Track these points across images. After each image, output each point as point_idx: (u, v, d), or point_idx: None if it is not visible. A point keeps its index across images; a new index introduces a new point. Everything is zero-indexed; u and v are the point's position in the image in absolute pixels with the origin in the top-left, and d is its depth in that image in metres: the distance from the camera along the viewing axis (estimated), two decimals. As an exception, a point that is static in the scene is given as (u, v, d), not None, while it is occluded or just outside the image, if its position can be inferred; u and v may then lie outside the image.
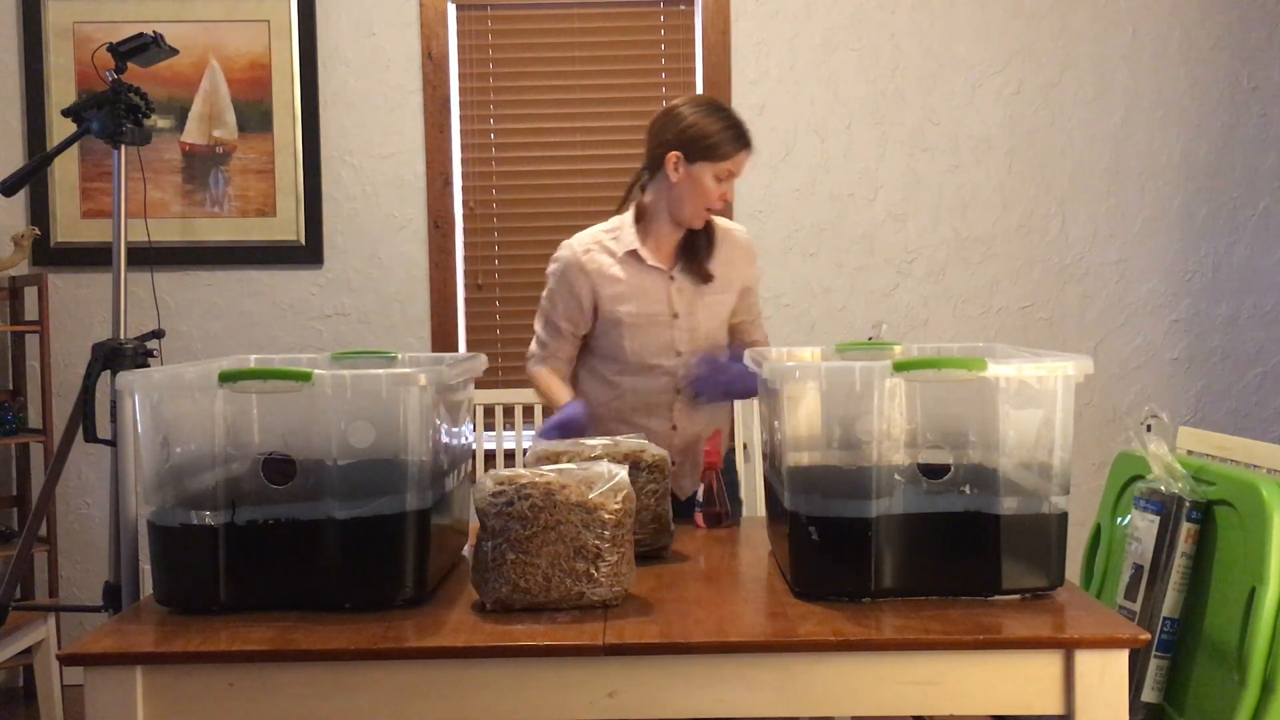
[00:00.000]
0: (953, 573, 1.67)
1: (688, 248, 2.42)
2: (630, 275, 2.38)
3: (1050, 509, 1.65)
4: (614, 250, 2.39)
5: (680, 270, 2.41)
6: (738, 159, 2.32)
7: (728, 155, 2.30)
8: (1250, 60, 3.75)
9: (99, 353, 2.40)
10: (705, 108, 2.34)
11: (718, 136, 2.31)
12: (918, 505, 1.66)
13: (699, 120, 2.31)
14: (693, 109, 2.33)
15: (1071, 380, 1.65)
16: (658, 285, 2.39)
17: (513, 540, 1.63)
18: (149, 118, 2.54)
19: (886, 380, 1.64)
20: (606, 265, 2.39)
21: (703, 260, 2.41)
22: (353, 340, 3.74)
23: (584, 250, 2.40)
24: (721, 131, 2.31)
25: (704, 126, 2.31)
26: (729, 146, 2.30)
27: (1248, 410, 3.80)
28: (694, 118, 2.31)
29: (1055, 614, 1.61)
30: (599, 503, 1.64)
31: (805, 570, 1.70)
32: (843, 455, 1.66)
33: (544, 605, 1.64)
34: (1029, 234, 3.77)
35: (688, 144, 2.31)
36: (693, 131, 2.30)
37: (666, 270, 2.40)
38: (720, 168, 2.31)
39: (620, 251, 2.38)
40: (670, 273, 2.40)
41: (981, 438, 1.66)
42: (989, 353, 2.00)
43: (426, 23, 3.71)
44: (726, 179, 2.33)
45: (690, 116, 2.31)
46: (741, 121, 2.34)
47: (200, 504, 1.65)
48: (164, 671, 1.53)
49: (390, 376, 1.65)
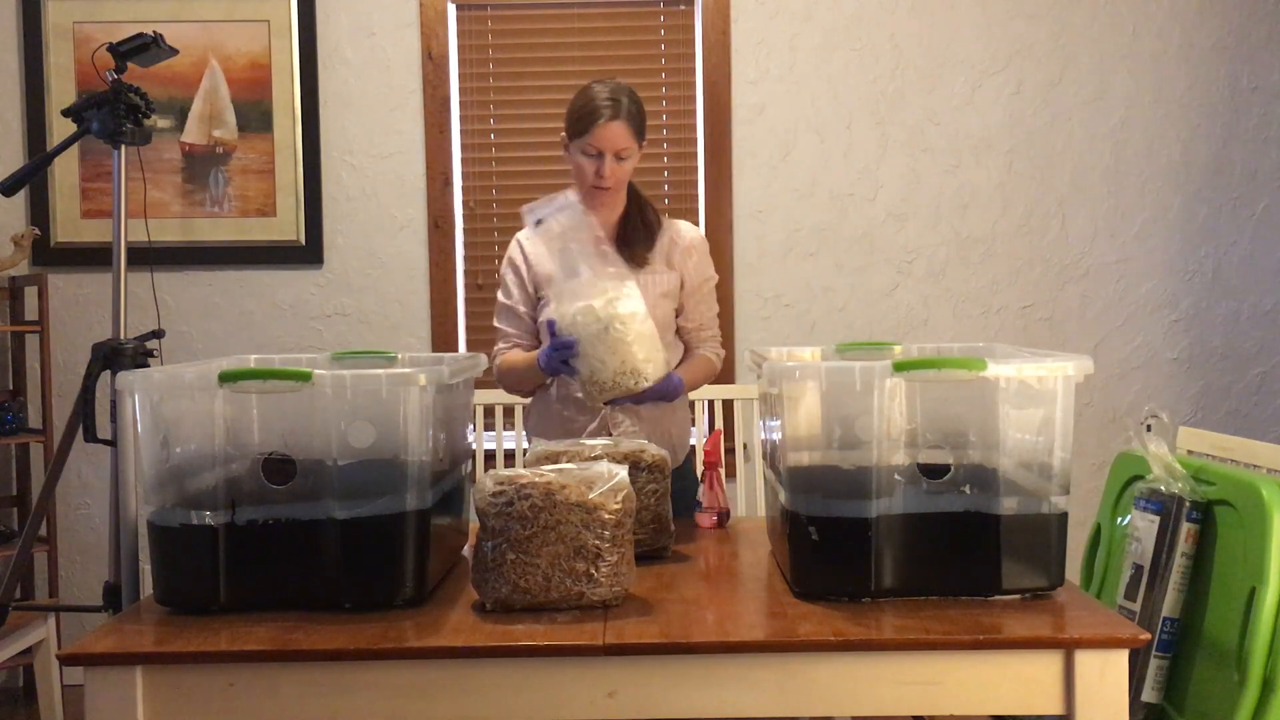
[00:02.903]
0: (953, 573, 1.67)
1: (622, 229, 2.45)
2: None
3: (1050, 509, 1.65)
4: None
5: (618, 245, 2.41)
6: (597, 134, 2.31)
7: (584, 130, 2.32)
8: (1250, 60, 3.75)
9: (99, 353, 2.40)
10: (585, 87, 2.37)
11: (578, 112, 2.34)
12: (918, 505, 1.66)
13: (573, 100, 2.37)
14: (579, 90, 2.38)
15: (1071, 380, 1.65)
16: None
17: (513, 540, 1.63)
18: (149, 118, 2.54)
19: (886, 380, 1.64)
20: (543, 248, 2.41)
21: (636, 243, 2.42)
22: (353, 340, 3.74)
23: (525, 237, 2.50)
24: (582, 107, 2.33)
25: (572, 105, 2.37)
26: (585, 120, 2.32)
27: (1248, 410, 3.80)
28: (573, 98, 2.37)
29: (1055, 614, 1.61)
30: (599, 503, 1.64)
31: (805, 570, 1.70)
32: (843, 455, 1.66)
33: (544, 605, 1.64)
34: (1029, 234, 3.77)
35: (567, 125, 2.38)
36: (568, 112, 2.37)
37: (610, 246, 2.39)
38: (585, 143, 2.33)
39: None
40: (610, 248, 2.39)
41: (982, 438, 1.65)
42: (989, 353, 2.00)
43: (426, 23, 3.71)
44: (596, 155, 2.33)
45: (573, 98, 2.38)
46: (605, 94, 2.33)
47: (200, 504, 1.65)
48: (164, 671, 1.53)
49: (390, 376, 1.65)
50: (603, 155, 2.33)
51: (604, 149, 2.32)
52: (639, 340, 2.12)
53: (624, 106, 2.33)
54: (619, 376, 2.12)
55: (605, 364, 2.12)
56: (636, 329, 2.12)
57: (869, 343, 2.29)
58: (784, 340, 3.73)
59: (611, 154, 2.33)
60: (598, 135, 2.31)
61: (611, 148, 2.33)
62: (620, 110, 2.32)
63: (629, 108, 2.34)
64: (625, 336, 2.10)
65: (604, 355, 2.11)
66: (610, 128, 2.31)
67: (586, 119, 2.32)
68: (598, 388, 2.14)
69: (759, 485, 3.03)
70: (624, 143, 2.34)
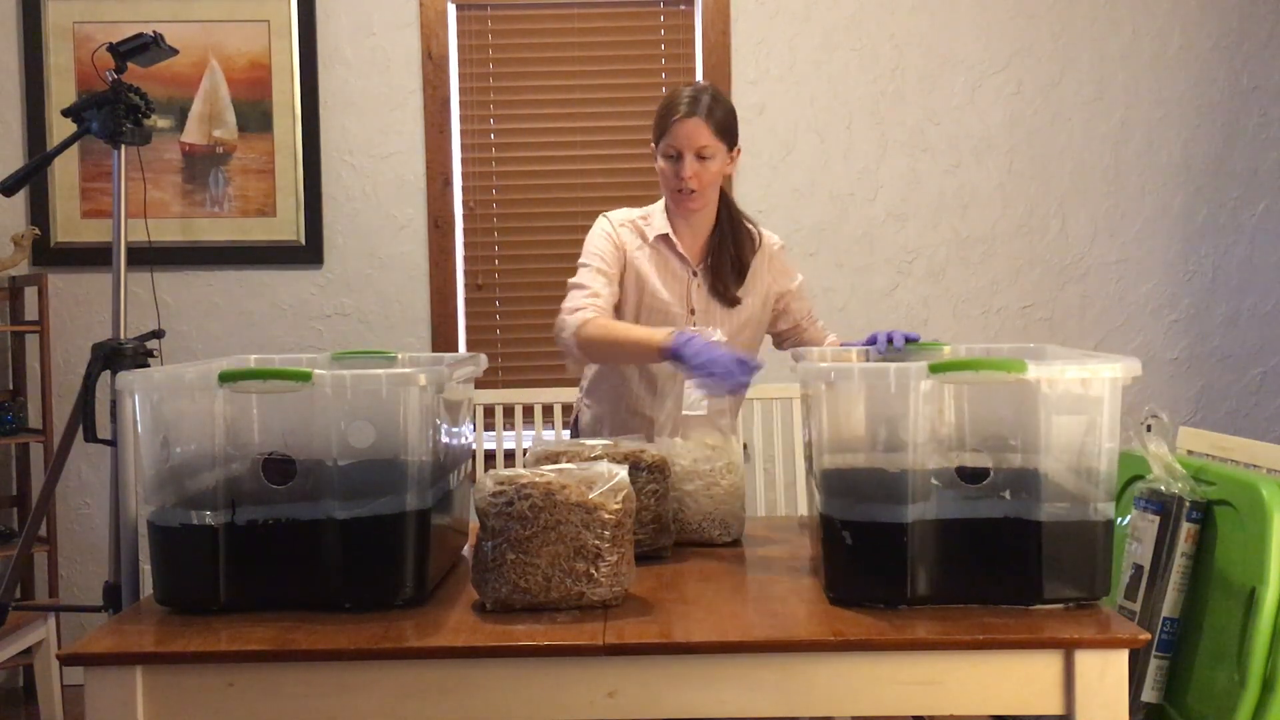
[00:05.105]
0: (992, 581, 1.62)
1: (718, 251, 2.37)
2: (656, 259, 2.35)
3: (1096, 515, 1.61)
4: (645, 234, 2.36)
5: (705, 270, 2.37)
6: (674, 131, 2.23)
7: (664, 130, 2.25)
8: (1250, 60, 3.75)
9: (99, 353, 2.40)
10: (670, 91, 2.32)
11: (659, 113, 2.28)
12: (956, 511, 1.61)
13: (659, 104, 2.31)
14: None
15: (1119, 383, 1.60)
16: (680, 276, 2.36)
17: (513, 540, 1.62)
18: (149, 118, 2.54)
19: (922, 382, 1.60)
20: (634, 245, 2.35)
21: (726, 275, 2.35)
22: (353, 340, 3.74)
23: (619, 223, 2.37)
24: (662, 107, 2.27)
25: (658, 109, 2.30)
26: (663, 119, 2.25)
27: (1248, 410, 3.80)
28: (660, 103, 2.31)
29: (1055, 614, 1.60)
30: (599, 503, 1.64)
31: (839, 576, 1.67)
32: (878, 458, 1.63)
33: (544, 605, 1.64)
34: (1029, 234, 3.77)
35: (653, 131, 2.31)
36: (655, 118, 2.30)
37: (692, 264, 2.36)
38: (665, 145, 2.26)
39: (651, 235, 2.35)
40: (694, 268, 2.37)
41: (1023, 441, 1.61)
42: (1038, 354, 1.96)
43: (426, 23, 3.71)
44: (676, 156, 2.24)
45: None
46: (686, 93, 2.26)
47: (200, 504, 1.65)
48: (164, 671, 1.53)
49: (390, 376, 1.65)
50: (682, 156, 2.23)
51: (682, 148, 2.23)
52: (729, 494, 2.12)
53: (703, 104, 2.23)
54: (703, 523, 2.11)
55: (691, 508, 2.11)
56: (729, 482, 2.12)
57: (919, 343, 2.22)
58: (784, 340, 3.73)
59: (691, 153, 2.23)
60: (674, 133, 2.22)
61: (690, 146, 2.22)
62: (699, 106, 2.22)
63: (709, 104, 2.24)
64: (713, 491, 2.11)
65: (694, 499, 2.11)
66: (687, 124, 2.21)
67: (665, 117, 2.25)
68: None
69: (759, 485, 3.03)
70: (703, 140, 2.22)
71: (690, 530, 2.09)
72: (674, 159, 2.25)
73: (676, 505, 2.08)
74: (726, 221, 2.39)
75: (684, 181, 2.24)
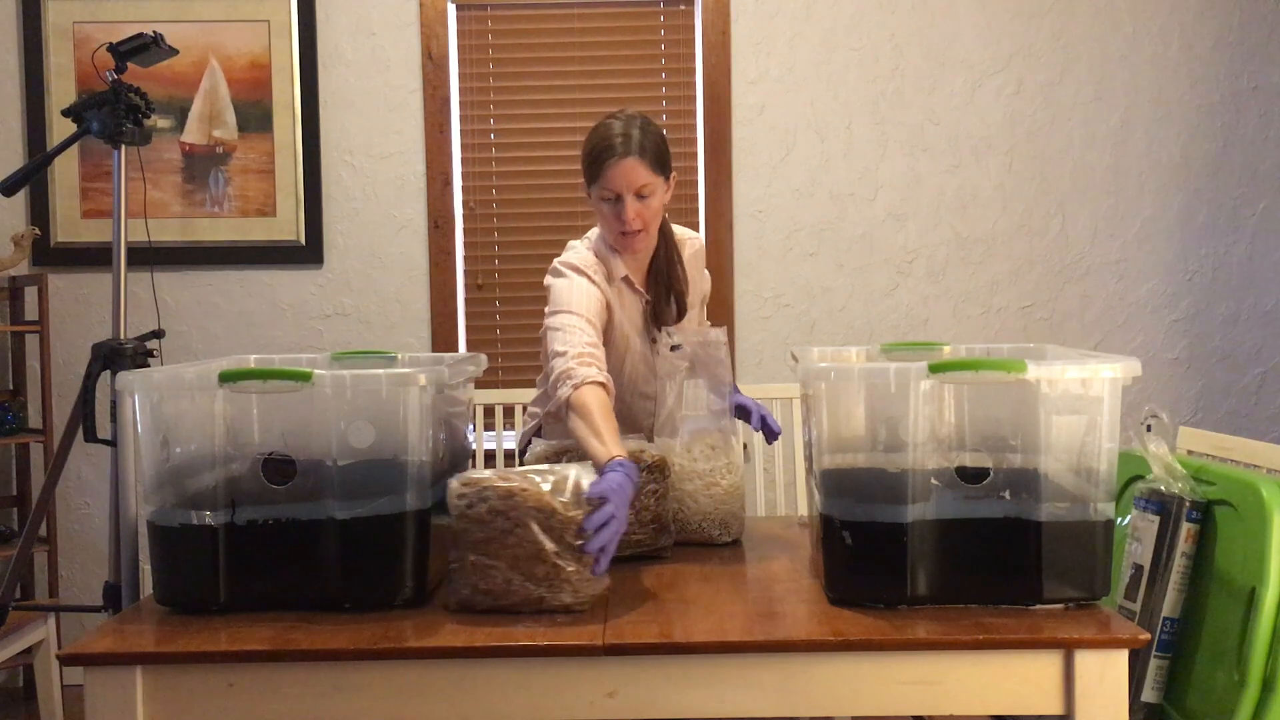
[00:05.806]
0: (992, 581, 1.63)
1: (655, 273, 2.27)
2: (618, 298, 2.23)
3: (1095, 515, 1.62)
4: (611, 277, 2.21)
5: (653, 295, 2.28)
6: (609, 175, 2.09)
7: (597, 174, 2.11)
8: (1250, 60, 3.75)
9: (99, 353, 2.40)
10: (595, 125, 2.15)
11: (588, 156, 2.13)
12: (955, 511, 1.62)
13: (584, 141, 2.15)
14: (590, 129, 2.16)
15: (1118, 383, 1.60)
16: (637, 305, 2.28)
17: (473, 543, 1.62)
18: (149, 118, 2.54)
19: (922, 382, 1.60)
20: (609, 292, 2.22)
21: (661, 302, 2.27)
22: (353, 340, 3.74)
23: (592, 274, 2.17)
24: (591, 149, 2.13)
25: (584, 148, 2.15)
26: (596, 163, 2.11)
27: (1248, 410, 3.80)
28: (585, 140, 2.15)
29: (1055, 614, 1.61)
30: (559, 508, 1.62)
31: (839, 576, 1.67)
32: (878, 458, 1.63)
33: (504, 609, 1.63)
34: (1029, 234, 3.77)
35: (583, 171, 2.17)
36: (582, 158, 2.16)
37: (644, 294, 2.28)
38: (600, 189, 2.12)
39: (616, 277, 2.22)
40: (646, 296, 2.28)
41: (1023, 442, 1.61)
42: (1038, 354, 1.96)
43: (426, 23, 3.71)
44: (615, 199, 2.11)
45: (585, 140, 2.16)
46: (615, 129, 2.10)
47: (200, 504, 1.65)
48: (164, 671, 1.53)
49: (390, 376, 1.65)
50: (621, 197, 2.11)
51: (620, 190, 2.10)
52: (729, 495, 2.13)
53: (635, 140, 2.09)
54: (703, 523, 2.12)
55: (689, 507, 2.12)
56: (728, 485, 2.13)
57: (917, 343, 2.22)
58: (783, 340, 3.73)
59: (631, 194, 2.10)
60: (610, 176, 2.09)
61: (630, 187, 2.10)
62: (631, 145, 2.09)
63: (640, 140, 2.10)
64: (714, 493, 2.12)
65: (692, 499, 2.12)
66: (623, 165, 2.08)
67: (597, 160, 2.11)
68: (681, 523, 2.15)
69: (759, 485, 3.03)
70: (642, 179, 2.10)
71: (690, 530, 2.09)
72: (613, 201, 2.12)
73: (676, 505, 2.08)
74: (663, 249, 2.28)
75: (627, 224, 2.12)
